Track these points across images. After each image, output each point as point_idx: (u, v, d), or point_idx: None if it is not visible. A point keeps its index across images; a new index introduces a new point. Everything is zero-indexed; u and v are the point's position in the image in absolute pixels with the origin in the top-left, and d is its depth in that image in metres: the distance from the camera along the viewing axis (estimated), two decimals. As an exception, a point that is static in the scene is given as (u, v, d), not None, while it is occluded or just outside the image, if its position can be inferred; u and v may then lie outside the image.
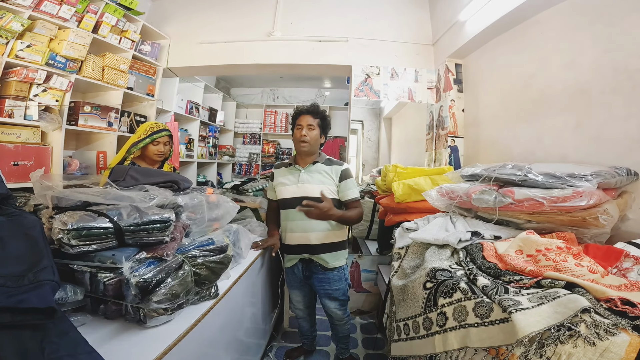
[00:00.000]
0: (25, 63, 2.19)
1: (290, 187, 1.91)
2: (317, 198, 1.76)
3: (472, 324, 0.90)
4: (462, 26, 2.67)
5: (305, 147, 1.87)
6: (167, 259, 0.95)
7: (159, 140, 2.13)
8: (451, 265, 1.18)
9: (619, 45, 1.49)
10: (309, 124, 1.87)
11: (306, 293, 2.08)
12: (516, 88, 2.22)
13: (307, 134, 1.86)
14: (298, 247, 1.92)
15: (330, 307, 2.01)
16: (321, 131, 1.93)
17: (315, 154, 1.95)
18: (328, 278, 1.93)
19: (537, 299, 0.80)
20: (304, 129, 1.86)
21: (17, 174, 2.12)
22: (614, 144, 1.48)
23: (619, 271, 0.99)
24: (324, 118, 1.94)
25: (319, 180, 1.88)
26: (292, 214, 1.87)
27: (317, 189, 1.82)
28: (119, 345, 0.90)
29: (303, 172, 1.90)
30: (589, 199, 1.16)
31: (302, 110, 1.93)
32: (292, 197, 1.88)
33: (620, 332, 0.67)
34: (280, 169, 2.02)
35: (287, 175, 1.95)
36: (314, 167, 1.91)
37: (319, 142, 1.93)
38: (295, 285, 2.06)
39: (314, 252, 1.90)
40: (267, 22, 3.38)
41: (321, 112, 1.94)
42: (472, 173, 1.60)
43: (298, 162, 1.95)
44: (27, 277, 0.69)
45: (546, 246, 1.03)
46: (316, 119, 1.90)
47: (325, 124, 1.95)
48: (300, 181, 1.88)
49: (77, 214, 0.88)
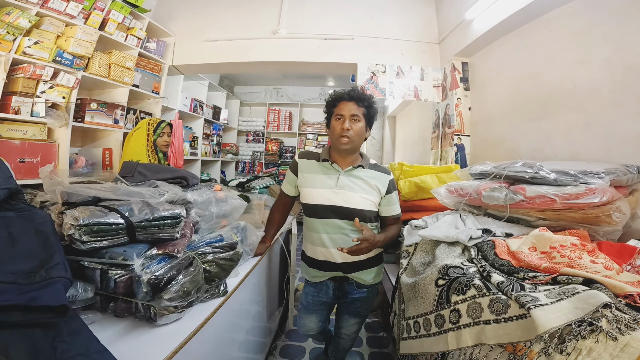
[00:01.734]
0: (32, 60, 2.19)
1: (324, 191, 1.50)
2: (360, 211, 1.47)
3: (488, 321, 0.89)
4: (468, 25, 2.65)
5: (347, 144, 1.44)
6: (177, 256, 0.94)
7: (163, 131, 2.37)
8: (463, 262, 1.16)
9: (630, 44, 1.48)
10: (352, 115, 1.43)
11: (321, 318, 1.74)
12: (524, 86, 2.20)
13: (350, 127, 1.42)
14: (326, 264, 1.56)
15: (349, 322, 1.72)
16: (366, 123, 1.49)
17: (356, 154, 1.55)
18: (363, 298, 1.61)
19: (555, 295, 0.79)
20: (347, 120, 1.42)
21: (24, 171, 2.13)
22: (624, 143, 1.47)
23: (633, 268, 0.98)
24: (370, 106, 1.48)
25: (362, 188, 1.49)
26: (319, 224, 1.52)
27: (360, 200, 1.47)
28: (129, 343, 0.89)
29: (342, 175, 1.50)
30: (602, 195, 1.15)
31: (342, 95, 1.47)
32: (326, 205, 1.49)
33: (640, 327, 0.66)
34: (309, 161, 1.58)
35: (320, 174, 1.53)
36: (356, 171, 1.51)
37: (363, 137, 1.50)
38: (314, 309, 1.69)
39: (347, 271, 1.56)
40: (272, 20, 3.37)
41: (368, 99, 1.48)
42: (481, 170, 1.59)
43: (336, 161, 1.53)
44: (39, 274, 0.68)
45: (560, 243, 1.02)
46: (361, 108, 1.45)
47: (372, 113, 1.50)
48: (339, 186, 1.48)
49: (89, 209, 0.87)
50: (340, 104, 1.47)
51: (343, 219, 1.48)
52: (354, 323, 1.73)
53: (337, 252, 1.47)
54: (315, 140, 6.09)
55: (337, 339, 1.86)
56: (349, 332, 1.77)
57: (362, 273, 1.57)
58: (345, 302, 1.67)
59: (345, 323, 1.74)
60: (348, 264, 1.52)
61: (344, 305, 1.71)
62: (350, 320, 1.72)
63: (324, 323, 1.78)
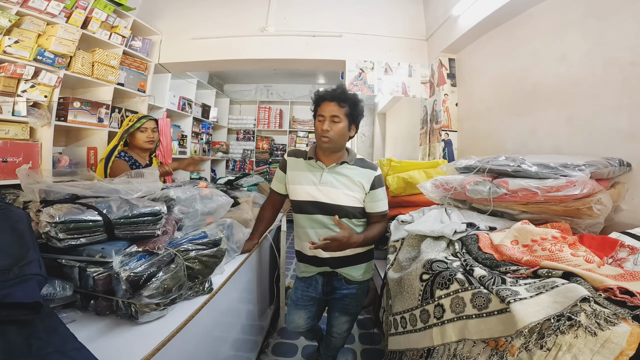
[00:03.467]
0: (13, 59, 2.15)
1: (308, 187, 1.55)
2: (342, 207, 1.51)
3: (470, 315, 0.89)
4: (455, 21, 2.67)
5: (327, 143, 1.48)
6: (158, 253, 0.93)
7: (145, 126, 2.16)
8: (447, 256, 1.17)
9: (610, 39, 1.50)
10: (333, 116, 1.47)
11: (313, 311, 1.75)
12: (509, 82, 2.22)
13: (330, 127, 1.46)
14: (314, 259, 1.60)
15: (339, 320, 1.74)
16: (350, 122, 1.52)
17: (341, 152, 1.59)
18: (352, 294, 1.64)
19: (535, 289, 0.79)
20: (327, 121, 1.47)
21: (6, 171, 2.09)
22: (605, 136, 1.49)
23: (615, 261, 0.99)
24: (354, 105, 1.51)
25: (344, 185, 1.53)
26: (305, 220, 1.57)
27: (342, 197, 1.51)
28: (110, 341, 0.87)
29: (326, 172, 1.54)
30: (582, 188, 1.16)
31: (324, 95, 1.51)
32: (310, 201, 1.54)
33: (621, 322, 0.66)
34: (297, 160, 1.62)
35: (306, 171, 1.58)
36: (340, 167, 1.55)
37: (346, 136, 1.53)
38: (303, 304, 1.71)
39: (335, 266, 1.59)
40: (260, 17, 3.35)
41: (350, 98, 1.51)
42: (466, 165, 1.60)
43: (321, 158, 1.57)
44: (13, 271, 0.67)
45: (542, 236, 1.02)
46: (343, 108, 1.48)
47: (357, 112, 1.53)
48: (323, 183, 1.52)
49: (65, 206, 0.86)
50: (323, 104, 1.50)
51: (326, 215, 1.52)
52: (345, 321, 1.74)
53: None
54: (306, 138, 6.08)
55: (329, 337, 1.87)
56: (339, 331, 1.79)
57: (350, 269, 1.60)
58: (334, 299, 1.68)
59: (336, 321, 1.76)
60: (335, 259, 1.55)
61: (333, 302, 1.72)
62: (341, 319, 1.74)
63: (312, 320, 1.79)
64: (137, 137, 2.15)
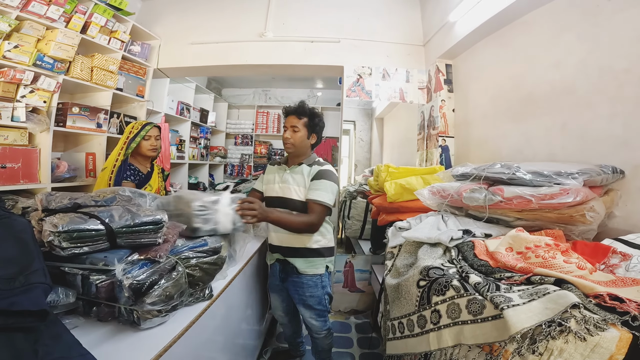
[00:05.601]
0: (12, 64, 2.15)
1: (273, 186, 1.87)
2: (292, 200, 1.77)
3: (466, 321, 0.91)
4: (452, 27, 2.69)
5: (290, 148, 1.83)
6: (160, 261, 0.95)
7: (149, 134, 2.16)
8: (444, 263, 1.19)
9: (604, 46, 1.52)
10: (292, 125, 1.81)
11: (284, 298, 2.00)
12: (505, 88, 2.25)
13: (290, 136, 1.80)
14: (274, 247, 1.89)
15: (305, 316, 1.93)
16: (309, 131, 1.84)
17: (303, 156, 1.88)
18: (302, 283, 1.84)
19: (527, 296, 0.81)
20: (288, 130, 1.82)
21: (5, 177, 2.08)
22: (599, 143, 1.50)
23: (607, 267, 1.01)
24: (311, 117, 1.84)
25: (296, 181, 1.80)
26: None
27: (292, 192, 1.79)
28: (112, 347, 0.89)
29: (288, 172, 1.85)
30: (576, 195, 1.18)
31: (288, 110, 1.86)
32: (273, 197, 1.86)
33: (610, 328, 0.68)
34: (272, 166, 1.98)
35: (274, 173, 1.91)
36: (298, 168, 1.84)
37: (305, 143, 1.85)
38: (274, 288, 1.99)
39: (284, 255, 1.86)
40: (259, 23, 3.37)
41: (308, 111, 1.84)
42: (462, 172, 1.62)
43: (287, 163, 1.91)
44: (19, 280, 0.69)
45: (535, 243, 1.04)
46: (301, 119, 1.82)
47: (314, 123, 1.85)
48: (283, 181, 1.84)
49: (68, 216, 0.87)
50: (287, 117, 1.86)
51: (283, 208, 1.77)
52: (309, 316, 1.91)
53: (275, 235, 1.84)
54: (303, 142, 6.08)
55: (313, 340, 2.04)
56: (313, 329, 1.95)
57: (297, 260, 1.82)
58: (290, 288, 1.89)
59: (305, 318, 1.95)
60: (284, 247, 1.84)
61: (292, 294, 1.91)
62: (305, 312, 1.91)
63: (287, 307, 2.02)
64: (141, 145, 2.14)
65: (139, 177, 2.14)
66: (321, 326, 1.93)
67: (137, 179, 2.12)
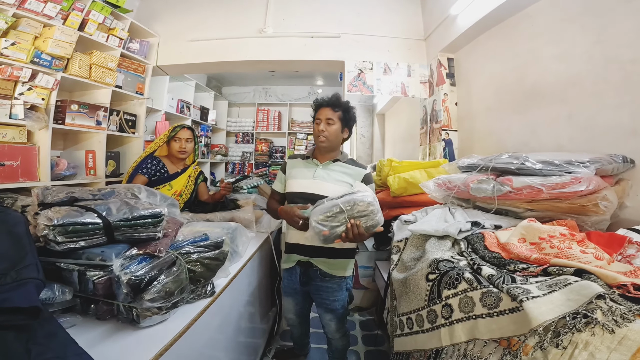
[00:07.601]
0: (9, 61, 2.12)
1: (302, 181, 1.72)
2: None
3: (480, 315, 0.87)
4: (453, 20, 2.66)
5: (323, 142, 1.70)
6: (159, 256, 0.91)
7: (179, 136, 2.23)
8: (453, 256, 1.15)
9: (610, 36, 1.49)
10: (327, 118, 1.69)
11: (299, 302, 1.89)
12: (508, 80, 2.21)
13: (325, 129, 1.68)
14: (297, 247, 1.74)
15: (324, 319, 1.85)
16: (343, 125, 1.74)
17: (336, 151, 1.79)
18: (327, 287, 1.74)
19: (547, 287, 0.77)
20: (322, 123, 1.69)
21: (4, 175, 2.06)
22: (607, 133, 1.47)
23: (624, 258, 0.97)
24: (346, 110, 1.74)
25: (335, 179, 1.69)
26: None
27: (332, 189, 1.64)
28: (111, 347, 0.86)
29: (320, 168, 1.73)
30: (588, 184, 1.15)
31: (321, 102, 1.75)
32: (302, 192, 1.69)
33: (637, 319, 0.65)
34: (295, 160, 1.84)
35: (302, 168, 1.77)
36: (333, 164, 1.74)
37: (340, 137, 1.75)
38: (290, 292, 1.86)
39: (312, 255, 1.71)
40: (258, 19, 3.34)
41: (344, 104, 1.74)
42: (468, 164, 1.59)
43: (317, 157, 1.78)
44: (10, 275, 0.66)
45: (549, 233, 1.01)
46: (337, 112, 1.71)
47: (349, 116, 1.75)
48: (316, 177, 1.70)
49: (63, 209, 0.84)
50: (320, 110, 1.74)
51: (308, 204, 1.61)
52: (329, 319, 1.82)
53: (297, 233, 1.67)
54: (305, 140, 6.05)
55: (328, 340, 1.97)
56: (330, 331, 1.87)
57: (321, 261, 1.70)
58: (313, 293, 1.79)
59: (323, 320, 1.86)
60: (312, 247, 1.67)
61: (314, 297, 1.82)
62: (325, 316, 1.83)
63: (300, 309, 1.92)
64: (171, 146, 2.25)
65: (160, 174, 2.20)
66: (338, 328, 1.86)
67: (157, 175, 2.18)
